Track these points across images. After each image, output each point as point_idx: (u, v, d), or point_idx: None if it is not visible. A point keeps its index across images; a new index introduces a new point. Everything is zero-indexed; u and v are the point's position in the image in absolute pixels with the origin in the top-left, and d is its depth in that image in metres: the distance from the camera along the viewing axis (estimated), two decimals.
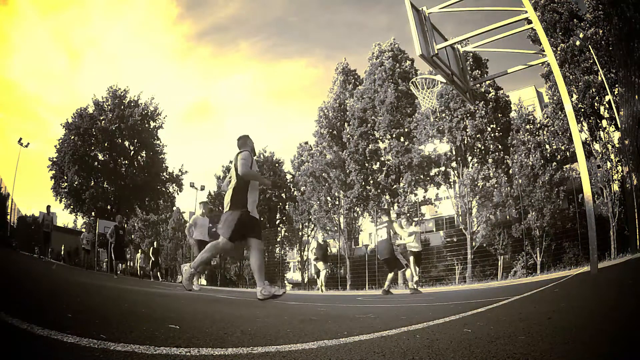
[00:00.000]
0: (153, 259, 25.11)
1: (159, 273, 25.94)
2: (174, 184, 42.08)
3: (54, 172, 36.69)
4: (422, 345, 2.28)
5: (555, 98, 22.55)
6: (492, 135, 25.33)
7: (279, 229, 38.95)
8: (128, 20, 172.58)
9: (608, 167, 20.51)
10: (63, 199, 36.75)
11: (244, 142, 7.13)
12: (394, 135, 28.92)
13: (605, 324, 2.65)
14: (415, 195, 28.33)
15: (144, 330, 2.42)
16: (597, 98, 21.05)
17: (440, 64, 9.25)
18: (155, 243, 27.26)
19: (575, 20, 22.42)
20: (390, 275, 12.76)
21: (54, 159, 36.75)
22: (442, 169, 27.05)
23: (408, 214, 15.35)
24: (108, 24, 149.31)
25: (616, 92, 19.04)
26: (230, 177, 6.87)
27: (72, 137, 36.58)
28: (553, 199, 21.73)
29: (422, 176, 27.81)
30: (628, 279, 6.56)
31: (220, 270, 42.99)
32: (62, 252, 33.20)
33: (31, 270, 9.36)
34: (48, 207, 21.46)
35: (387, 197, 28.33)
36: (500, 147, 24.93)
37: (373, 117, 29.74)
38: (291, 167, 37.73)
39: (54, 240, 22.75)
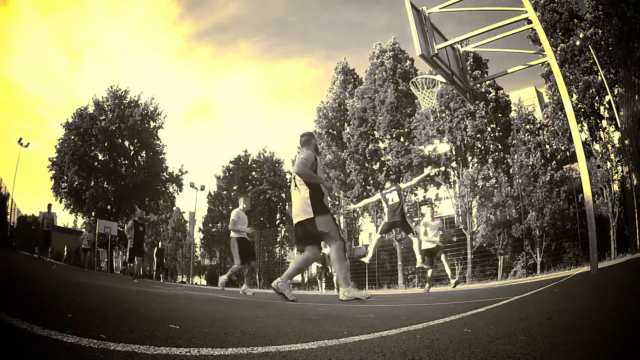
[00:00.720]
0: (157, 260, 25.02)
1: (161, 274, 25.89)
2: (174, 184, 42.12)
3: (54, 172, 36.72)
4: (422, 345, 2.28)
5: (555, 98, 22.56)
6: (492, 135, 25.33)
7: (279, 229, 38.97)
8: (128, 20, 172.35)
9: (608, 167, 20.50)
10: (63, 199, 36.78)
11: (308, 141, 6.86)
12: (394, 135, 28.91)
13: (605, 324, 2.65)
14: (415, 195, 28.35)
15: (144, 330, 2.42)
16: (597, 98, 21.05)
17: (440, 64, 9.25)
18: (159, 244, 27.21)
19: (575, 20, 22.42)
20: (374, 239, 12.99)
21: (54, 159, 36.78)
22: (442, 169, 27.05)
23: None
24: (108, 24, 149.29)
25: (616, 92, 19.06)
26: (295, 180, 6.65)
27: (72, 137, 36.61)
28: (553, 199, 21.73)
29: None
30: (628, 279, 6.56)
31: (220, 270, 43.00)
32: (65, 253, 33.18)
33: (31, 270, 9.36)
34: (49, 205, 21.26)
35: None
36: (500, 147, 24.94)
37: (373, 117, 29.73)
38: (292, 167, 37.72)
39: (54, 240, 22.47)
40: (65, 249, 32.68)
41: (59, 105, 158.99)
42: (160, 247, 26.00)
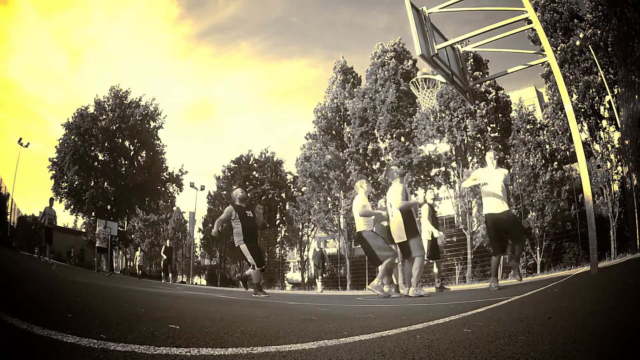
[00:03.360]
0: (165, 257, 24.31)
1: (170, 274, 25.40)
2: (174, 184, 42.15)
3: (54, 172, 36.71)
4: (422, 345, 2.28)
5: (555, 98, 22.54)
6: (493, 135, 25.30)
7: (279, 229, 38.96)
8: (128, 20, 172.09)
9: (608, 167, 20.49)
10: (63, 199, 36.76)
11: (392, 174, 8.89)
12: (394, 135, 28.89)
13: (605, 324, 2.65)
14: (415, 195, 28.31)
15: (144, 331, 2.42)
16: (597, 98, 21.03)
17: (440, 64, 9.25)
18: (168, 242, 26.69)
19: (575, 20, 22.40)
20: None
21: (54, 159, 36.77)
22: (442, 169, 27.03)
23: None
24: (108, 24, 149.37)
25: (616, 92, 19.04)
26: (391, 206, 8.52)
27: (73, 137, 36.61)
28: (554, 199, 21.70)
29: (422, 176, 27.80)
30: (628, 279, 6.56)
31: (220, 270, 43.02)
32: (72, 253, 33.21)
33: (31, 271, 9.36)
34: (51, 199, 19.87)
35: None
36: (500, 147, 24.91)
37: (374, 117, 29.71)
38: (295, 167, 37.56)
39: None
40: (73, 250, 32.70)
41: (59, 105, 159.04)
42: (168, 245, 25.32)
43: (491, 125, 25.52)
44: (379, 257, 8.57)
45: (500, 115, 25.62)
